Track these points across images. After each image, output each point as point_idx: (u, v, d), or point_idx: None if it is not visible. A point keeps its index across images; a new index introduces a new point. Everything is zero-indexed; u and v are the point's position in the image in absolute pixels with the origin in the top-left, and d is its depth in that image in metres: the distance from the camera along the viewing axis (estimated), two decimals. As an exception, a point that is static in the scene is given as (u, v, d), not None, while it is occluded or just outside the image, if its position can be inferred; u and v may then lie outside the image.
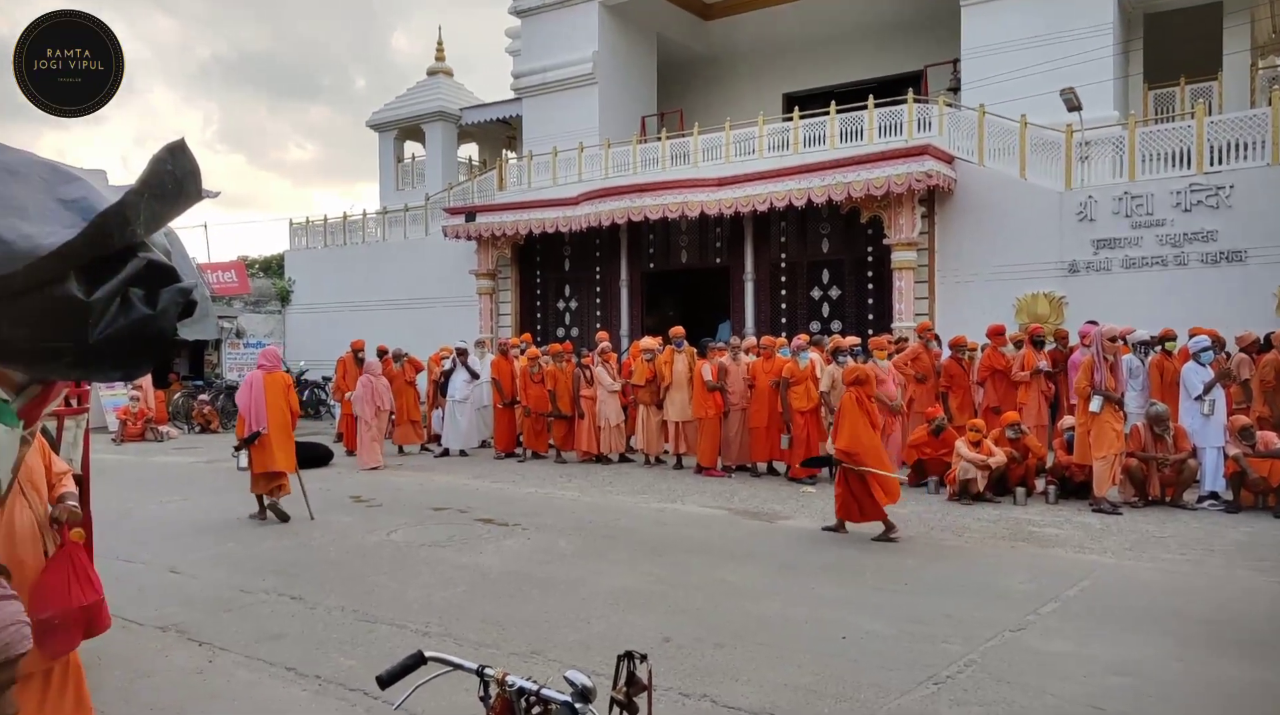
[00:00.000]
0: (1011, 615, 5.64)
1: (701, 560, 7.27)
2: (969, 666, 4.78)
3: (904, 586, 6.43)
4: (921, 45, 20.33)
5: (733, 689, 4.50)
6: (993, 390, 11.32)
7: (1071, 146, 13.73)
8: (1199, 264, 12.55)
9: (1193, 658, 4.89)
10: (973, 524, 8.56)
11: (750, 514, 9.26)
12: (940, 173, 14.04)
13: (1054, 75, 14.94)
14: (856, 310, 15.86)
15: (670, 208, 16.05)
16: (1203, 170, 12.70)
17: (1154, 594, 6.17)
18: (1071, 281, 13.56)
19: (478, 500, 10.12)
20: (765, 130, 17.18)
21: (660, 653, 4.98)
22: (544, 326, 19.37)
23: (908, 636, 5.30)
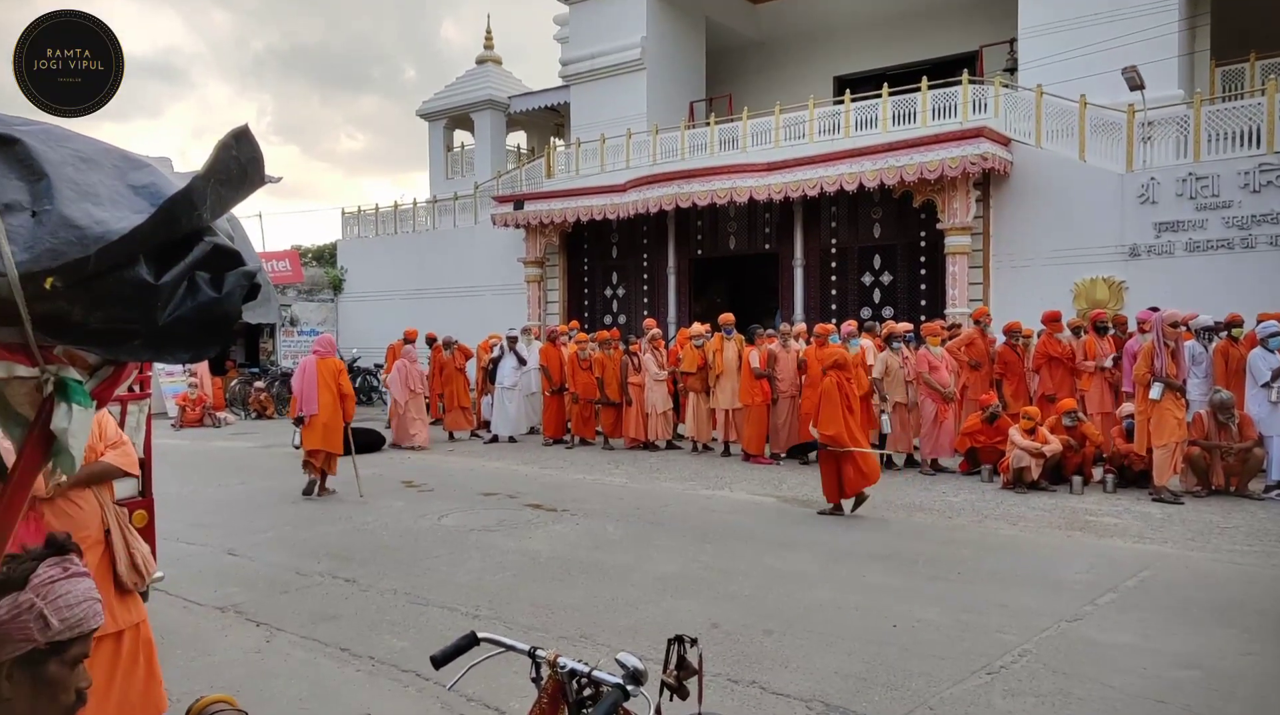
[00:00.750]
0: (1068, 605, 5.54)
1: (749, 547, 7.26)
2: (1023, 656, 4.71)
3: (957, 576, 6.35)
4: (977, 25, 19.85)
5: (782, 675, 4.50)
6: (1048, 377, 11.07)
7: (1133, 127, 13.31)
8: (1268, 247, 12.09)
9: (1262, 651, 4.76)
10: (1028, 513, 8.41)
11: (799, 501, 9.22)
12: (996, 155, 13.73)
13: (1115, 54, 14.48)
14: (909, 296, 15.61)
15: (719, 193, 15.95)
16: (1274, 149, 12.21)
17: (1218, 585, 6.00)
18: (1132, 266, 13.18)
19: (526, 486, 10.23)
20: (815, 114, 16.95)
21: (709, 638, 4.99)
22: (591, 314, 19.43)
23: (960, 626, 5.24)
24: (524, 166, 22.63)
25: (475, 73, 26.52)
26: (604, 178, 18.84)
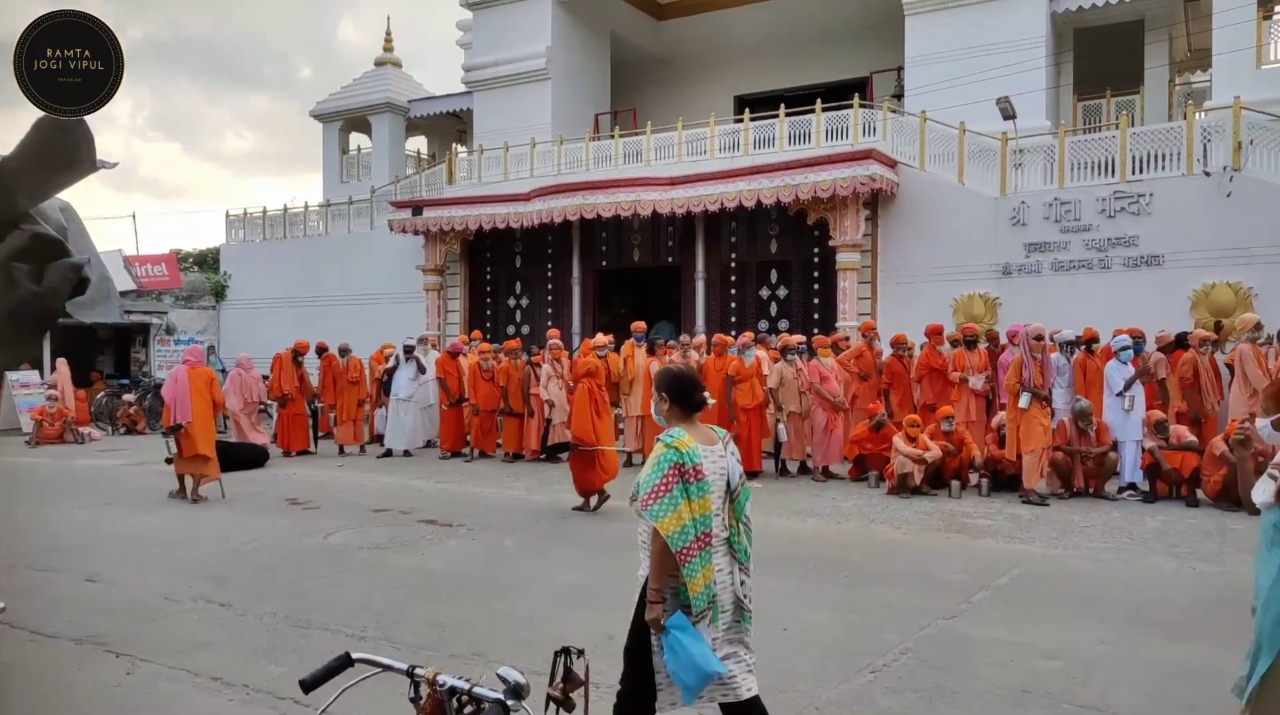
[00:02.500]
0: (945, 604, 5.98)
1: (652, 556, 7.47)
2: (904, 654, 5.06)
3: (845, 578, 6.74)
4: (868, 52, 20.84)
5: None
6: (929, 387, 11.78)
7: (1006, 154, 14.30)
8: (1121, 267, 13.22)
9: (1117, 640, 5.26)
10: (911, 516, 8.96)
11: (700, 509, 9.50)
12: (884, 176, 14.50)
13: (991, 84, 15.51)
14: (803, 309, 16.27)
15: (623, 206, 16.25)
16: (1125, 179, 13.36)
17: (1080, 581, 6.58)
18: (1005, 283, 14.14)
19: (421, 501, 10.06)
20: (716, 131, 17.47)
21: (605, 650, 5.09)
22: (494, 324, 19.41)
23: (847, 626, 5.57)
24: (424, 172, 22.41)
25: (374, 74, 26.07)
26: (508, 186, 18.88)
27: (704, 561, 3.09)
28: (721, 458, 3.24)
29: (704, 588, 3.09)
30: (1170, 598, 6.16)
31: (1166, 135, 13.53)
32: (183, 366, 10.27)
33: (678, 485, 3.08)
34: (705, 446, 3.20)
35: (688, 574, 3.07)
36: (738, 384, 11.28)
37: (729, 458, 3.25)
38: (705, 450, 3.18)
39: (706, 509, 3.11)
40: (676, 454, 3.10)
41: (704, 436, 3.25)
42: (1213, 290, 12.60)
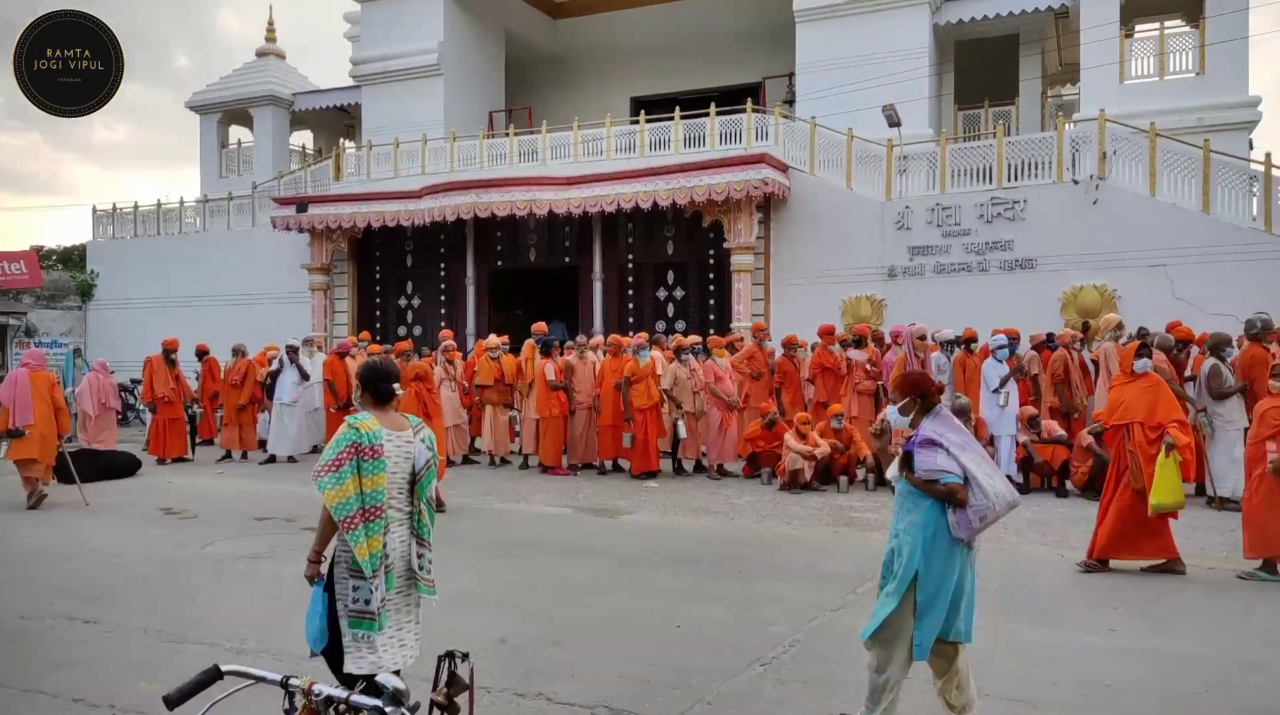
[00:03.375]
0: (833, 596, 6.11)
1: (543, 559, 7.40)
2: (793, 647, 5.14)
3: (738, 574, 6.82)
4: (761, 58, 21.26)
5: (568, 685, 4.59)
6: (821, 386, 12.06)
7: (891, 160, 14.80)
8: (998, 270, 13.86)
9: (987, 624, 5.44)
10: (801, 512, 9.14)
11: (595, 511, 9.49)
12: (775, 180, 14.79)
13: (877, 92, 16.04)
14: (699, 310, 16.44)
15: (518, 205, 16.06)
16: (1001, 185, 14.03)
17: (956, 571, 6.83)
18: (890, 285, 14.63)
19: (306, 509, 9.64)
20: (613, 132, 17.47)
21: (496, 654, 5.05)
22: (384, 325, 18.90)
23: (739, 621, 5.64)
24: (309, 167, 21.61)
25: (255, 65, 25.00)
26: (398, 183, 18.41)
27: (369, 532, 3.40)
28: (409, 443, 3.59)
29: (368, 555, 3.40)
30: (1040, 583, 6.46)
31: (1039, 145, 14.26)
32: (22, 369, 10.13)
33: (350, 462, 3.40)
34: (393, 431, 3.55)
35: (352, 541, 3.39)
36: (634, 384, 11.29)
37: (417, 444, 3.60)
38: (391, 435, 3.53)
39: (379, 485, 3.43)
40: (355, 434, 3.44)
41: (394, 423, 3.60)
42: (1080, 292, 13.34)
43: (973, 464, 3.74)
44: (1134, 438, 6.53)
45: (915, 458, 3.82)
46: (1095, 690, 4.44)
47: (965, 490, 3.70)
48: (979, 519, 3.70)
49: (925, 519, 3.77)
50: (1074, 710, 4.20)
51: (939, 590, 3.76)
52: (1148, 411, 6.49)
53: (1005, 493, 3.75)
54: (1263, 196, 12.71)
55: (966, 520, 3.71)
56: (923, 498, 3.79)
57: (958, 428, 3.90)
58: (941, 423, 3.88)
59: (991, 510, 3.70)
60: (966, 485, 3.70)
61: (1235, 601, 5.97)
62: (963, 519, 3.72)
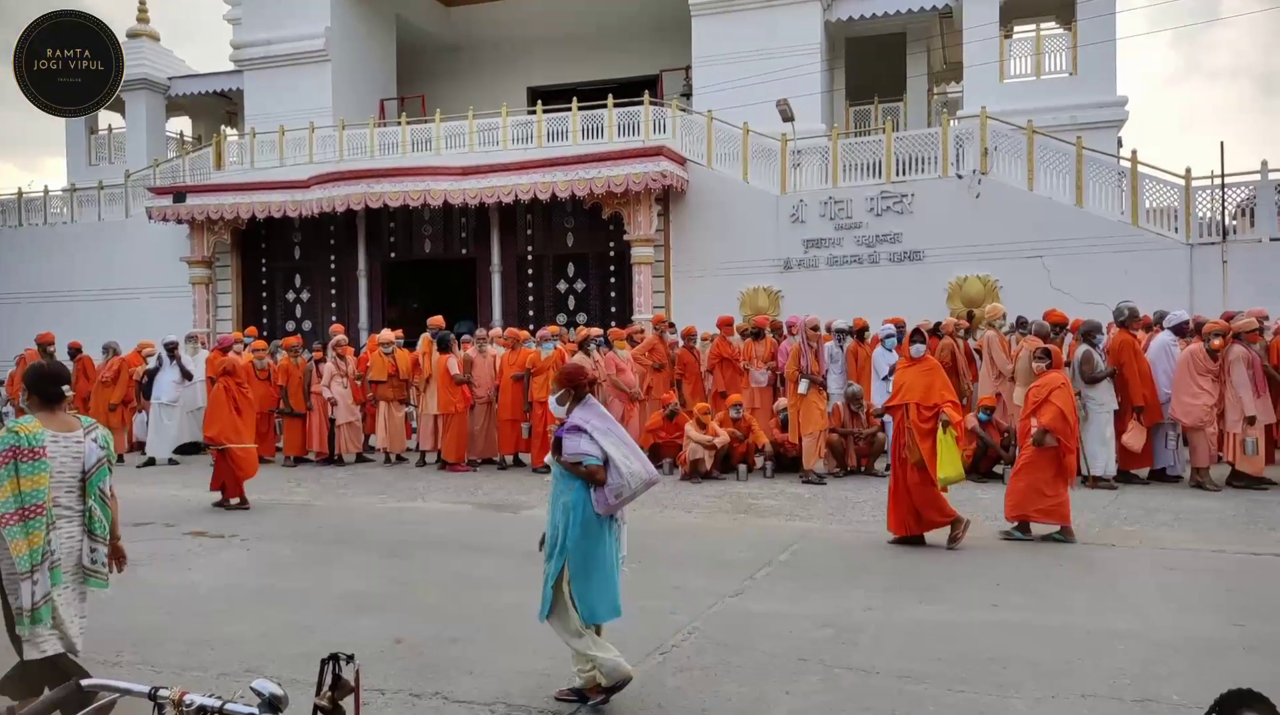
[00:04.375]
0: (731, 582, 6.17)
1: (442, 557, 7.24)
2: (692, 634, 5.17)
3: (638, 564, 6.74)
4: (658, 51, 21.31)
5: (465, 683, 4.50)
6: (720, 376, 12.19)
7: (786, 154, 15.07)
8: (888, 262, 14.31)
9: (880, 605, 5.64)
10: (701, 500, 9.22)
11: (495, 507, 9.34)
12: (674, 173, 14.86)
13: (772, 87, 16.29)
14: (600, 303, 16.39)
15: (411, 195, 15.65)
16: (890, 180, 14.48)
17: (851, 553, 7.02)
18: (786, 277, 14.91)
19: (188, 512, 9.27)
20: (509, 122, 17.23)
21: (390, 654, 4.91)
22: (271, 319, 18.14)
23: (639, 611, 5.59)
24: (188, 155, 20.55)
25: (127, 47, 23.36)
26: (284, 172, 17.68)
27: (27, 530, 3.62)
28: (79, 443, 3.79)
29: (26, 552, 3.62)
30: (926, 563, 6.68)
31: (925, 141, 14.78)
32: None
33: (7, 465, 3.61)
34: (60, 432, 3.76)
35: (8, 537, 3.60)
36: (534, 376, 11.16)
37: (88, 443, 3.81)
38: (58, 436, 3.75)
39: (38, 485, 3.65)
40: (14, 437, 3.65)
41: (62, 424, 3.80)
42: (965, 283, 13.89)
43: (612, 447, 4.14)
44: (910, 416, 6.99)
45: (564, 443, 4.20)
46: (978, 663, 4.60)
47: (604, 471, 4.09)
48: (615, 496, 4.11)
49: (575, 498, 4.16)
50: (957, 684, 4.34)
51: (589, 561, 4.18)
52: (924, 392, 6.97)
53: (641, 471, 4.19)
54: (1130, 192, 13.50)
55: (604, 497, 4.11)
56: (573, 479, 4.16)
57: (602, 415, 4.30)
58: (588, 411, 4.27)
59: (627, 487, 4.12)
60: (606, 466, 4.09)
61: (1105, 574, 6.31)
62: (601, 497, 4.12)
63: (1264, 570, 6.27)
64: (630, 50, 21.92)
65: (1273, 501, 8.45)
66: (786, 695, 4.29)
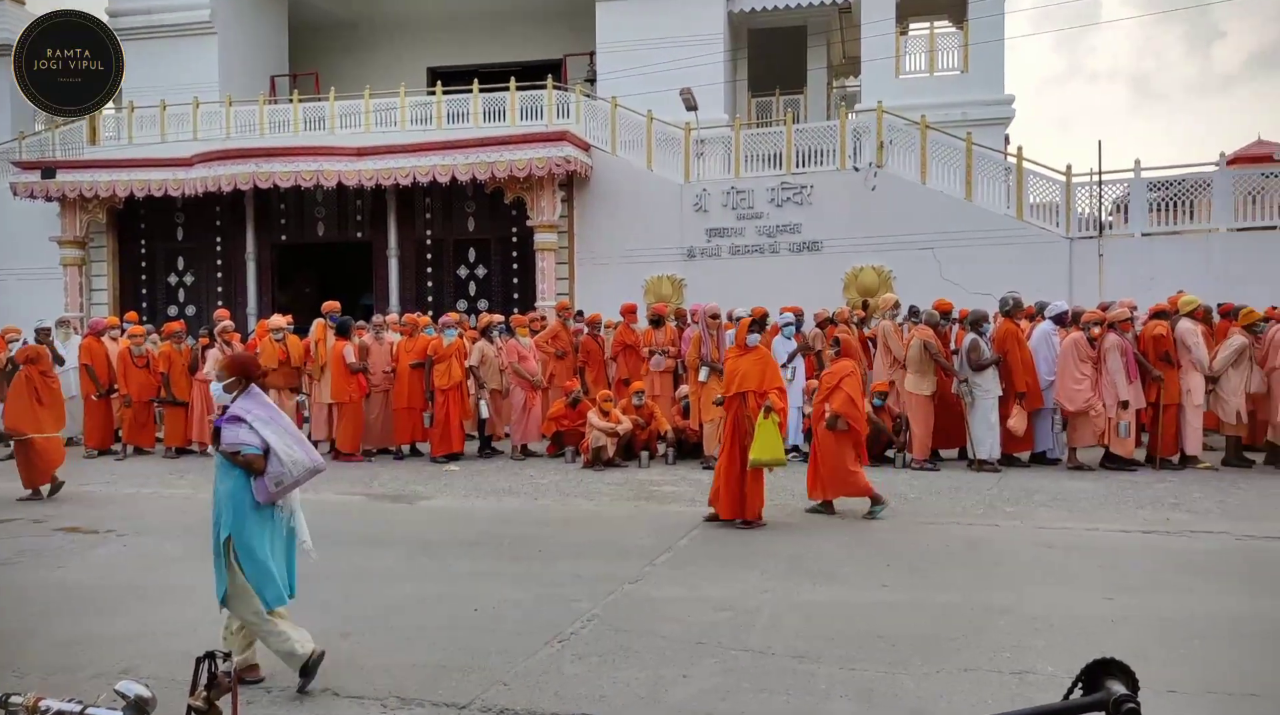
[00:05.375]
0: (631, 569, 6.16)
1: (334, 549, 6.95)
2: (591, 621, 5.14)
3: (539, 553, 6.74)
4: (562, 35, 21.09)
5: (356, 678, 4.39)
6: (624, 364, 12.18)
7: (689, 143, 15.15)
8: (788, 252, 14.58)
9: (775, 588, 5.72)
10: (604, 488, 9.19)
11: (391, 497, 9.10)
12: (578, 159, 14.74)
13: (676, 75, 16.34)
14: (503, 289, 16.16)
15: (304, 176, 15.07)
16: (790, 171, 14.73)
17: (749, 537, 7.09)
18: (690, 265, 15.02)
19: (60, 507, 8.73)
20: (408, 102, 16.78)
21: (282, 651, 4.73)
22: (152, 304, 17.23)
23: (538, 600, 5.57)
24: (59, 129, 19.22)
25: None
26: (166, 149, 16.79)
27: None
28: None
29: None
30: (822, 544, 6.82)
31: (825, 133, 15.08)
32: None
33: None
34: None
35: None
36: (436, 363, 10.91)
37: None
38: None
39: None
40: None
41: None
42: (861, 273, 14.27)
43: (275, 436, 4.18)
44: (749, 404, 7.27)
45: (222, 432, 4.22)
46: (869, 641, 4.72)
47: (263, 460, 4.14)
48: (275, 484, 4.16)
49: (234, 486, 4.18)
50: (849, 662, 4.44)
51: (253, 549, 4.20)
52: (757, 381, 7.29)
53: (304, 460, 4.23)
54: (1015, 187, 14.10)
55: (264, 486, 4.17)
56: (233, 468, 4.19)
57: (265, 404, 4.33)
58: (251, 400, 4.28)
59: (288, 475, 4.17)
60: (267, 456, 4.13)
61: (988, 553, 6.57)
62: (261, 486, 4.17)
63: (1132, 547, 6.64)
64: (534, 34, 21.63)
65: (1141, 482, 8.97)
66: (684, 679, 4.30)
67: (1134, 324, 9.99)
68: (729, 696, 4.11)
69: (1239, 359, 9.51)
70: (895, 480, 9.25)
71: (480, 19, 21.85)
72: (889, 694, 4.09)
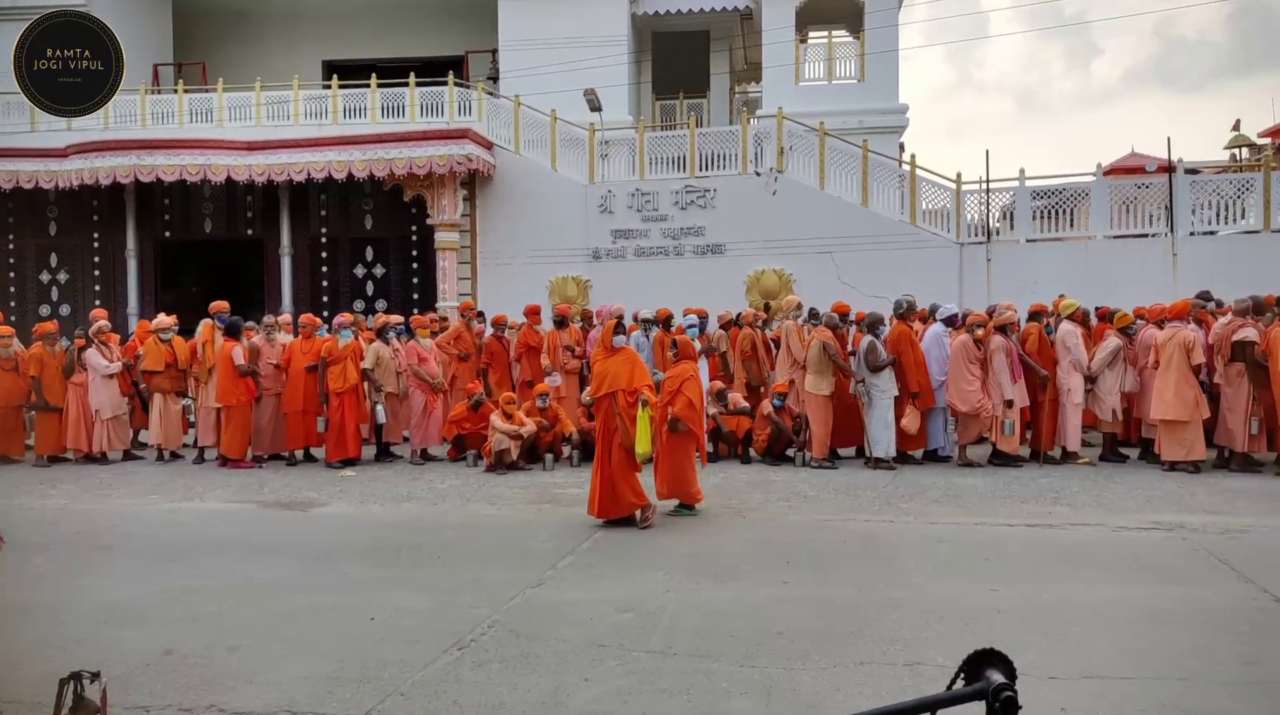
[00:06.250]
0: (534, 573, 6.07)
1: (223, 561, 6.68)
2: (492, 627, 5.03)
3: (438, 559, 6.58)
4: (464, 30, 20.76)
5: (245, 693, 4.20)
6: (528, 365, 12.04)
7: (594, 144, 15.13)
8: (692, 254, 14.72)
9: (680, 587, 5.73)
10: (507, 492, 9.05)
11: (283, 505, 8.74)
12: (480, 157, 14.53)
13: (580, 76, 16.30)
14: (402, 289, 15.79)
15: (189, 170, 14.39)
16: (694, 174, 14.88)
17: (651, 537, 7.09)
18: (595, 266, 14.99)
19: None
20: (302, 96, 16.22)
21: (158, 667, 4.47)
22: (21, 303, 16.16)
23: (438, 607, 5.43)
24: (-84, 115, 17.83)
25: None
26: (37, 139, 15.76)
27: None
28: None
29: None
30: (723, 544, 6.88)
31: (727, 138, 15.29)
32: None
33: None
34: None
35: None
36: (330, 366, 10.54)
37: None
38: None
39: None
40: None
41: None
42: (762, 276, 14.52)
43: None
44: (619, 402, 7.39)
45: None
46: (769, 638, 4.77)
47: None
48: None
49: None
50: (749, 660, 4.48)
51: None
52: (627, 380, 7.41)
53: None
54: (909, 193, 14.60)
55: None
56: None
57: None
58: None
59: None
60: None
61: (884, 548, 6.75)
62: None
63: (1017, 540, 6.94)
64: (435, 29, 21.21)
65: (1026, 477, 9.39)
66: (585, 682, 4.25)
67: (1018, 326, 10.46)
68: (630, 699, 4.08)
69: (1114, 360, 10.06)
70: (795, 479, 9.43)
71: (379, 12, 21.30)
72: (788, 690, 4.14)
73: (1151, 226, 13.95)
